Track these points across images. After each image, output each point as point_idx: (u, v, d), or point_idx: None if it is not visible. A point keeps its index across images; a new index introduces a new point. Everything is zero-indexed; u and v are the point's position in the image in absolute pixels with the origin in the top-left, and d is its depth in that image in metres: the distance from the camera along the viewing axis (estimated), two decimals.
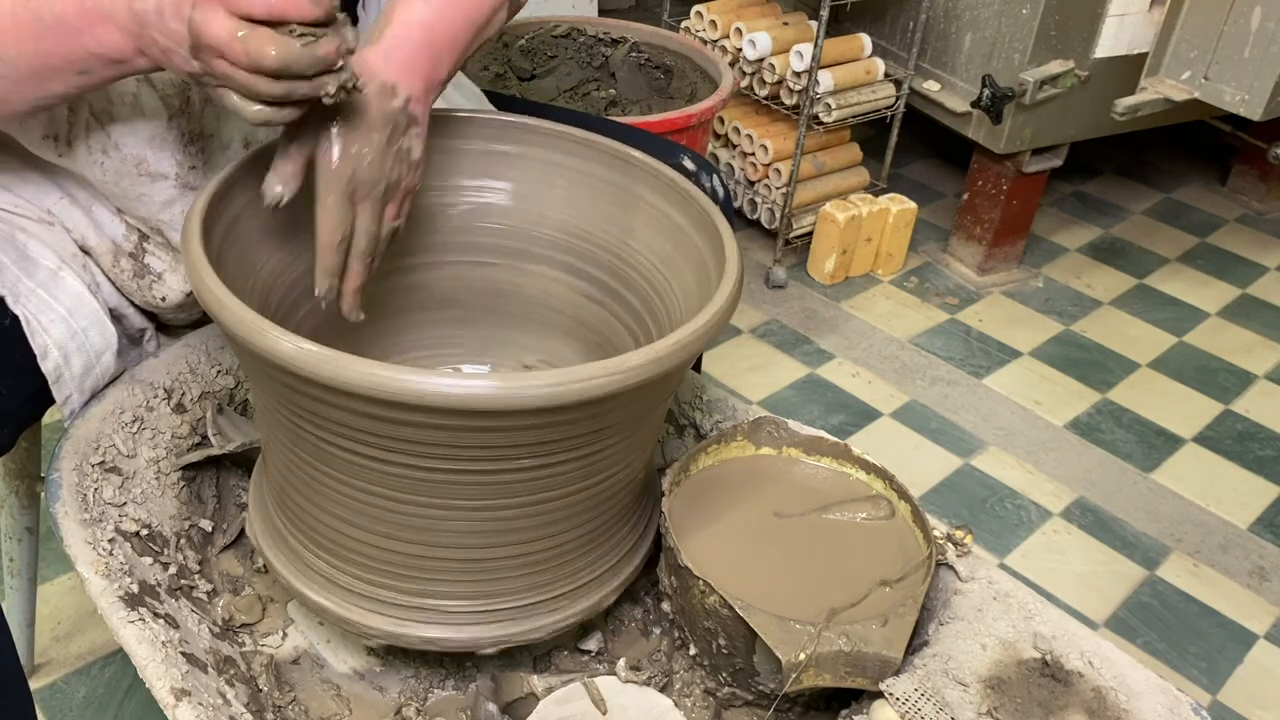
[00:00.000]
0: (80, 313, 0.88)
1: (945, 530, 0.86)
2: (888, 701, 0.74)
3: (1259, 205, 2.72)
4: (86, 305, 0.89)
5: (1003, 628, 0.80)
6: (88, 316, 0.89)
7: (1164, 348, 2.19)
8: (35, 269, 0.87)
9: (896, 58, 2.21)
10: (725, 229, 0.82)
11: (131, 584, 0.79)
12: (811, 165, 2.19)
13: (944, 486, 1.79)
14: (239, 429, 0.96)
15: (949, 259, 2.37)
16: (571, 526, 0.78)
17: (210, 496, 0.95)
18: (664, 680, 0.84)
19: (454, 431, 0.66)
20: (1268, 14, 1.76)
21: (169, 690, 0.71)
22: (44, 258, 0.88)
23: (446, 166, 0.94)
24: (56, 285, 0.87)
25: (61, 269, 0.88)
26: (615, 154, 0.91)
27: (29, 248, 0.88)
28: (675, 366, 0.70)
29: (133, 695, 1.30)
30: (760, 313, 2.16)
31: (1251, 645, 1.56)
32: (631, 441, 0.77)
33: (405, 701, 0.83)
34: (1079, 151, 2.28)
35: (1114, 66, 2.06)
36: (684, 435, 1.04)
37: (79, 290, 0.88)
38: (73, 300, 0.88)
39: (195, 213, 0.74)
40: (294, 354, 0.64)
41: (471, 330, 0.99)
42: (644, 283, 0.91)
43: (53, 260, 0.88)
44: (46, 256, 0.88)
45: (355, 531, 0.75)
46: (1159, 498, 1.81)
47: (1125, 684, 0.76)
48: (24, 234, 0.88)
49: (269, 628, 0.88)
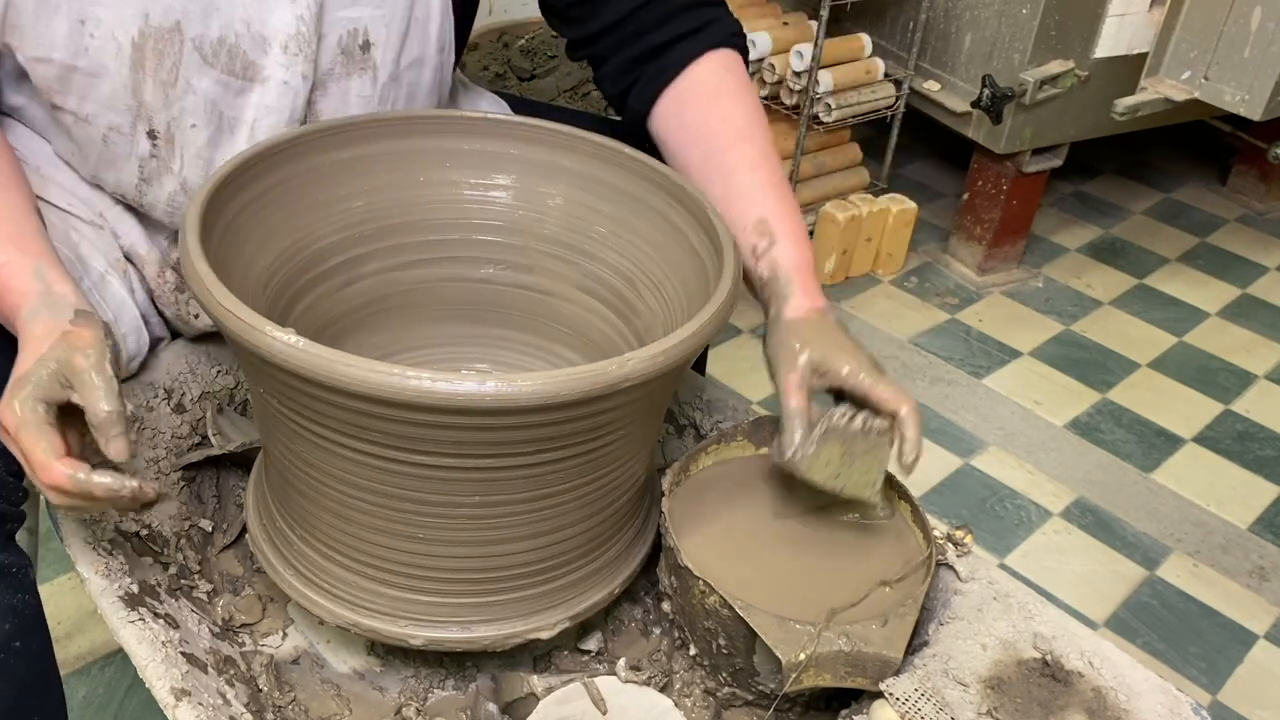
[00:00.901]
0: (123, 318, 0.91)
1: (945, 530, 0.86)
2: (888, 701, 0.74)
3: (1259, 205, 2.72)
4: (128, 311, 0.91)
5: (1003, 628, 0.80)
6: (128, 323, 0.91)
7: (1164, 348, 2.19)
8: (88, 270, 0.89)
9: (896, 58, 2.21)
10: (724, 229, 0.82)
11: (131, 584, 0.79)
12: (811, 165, 2.19)
13: (944, 486, 1.79)
14: (239, 429, 0.96)
15: (949, 259, 2.38)
16: (571, 525, 0.78)
17: (210, 496, 0.95)
18: (664, 680, 0.84)
19: (454, 430, 0.66)
20: (1268, 14, 1.76)
21: (169, 690, 0.71)
22: (94, 260, 0.90)
23: (447, 166, 0.94)
24: (105, 289, 0.90)
25: (108, 272, 0.90)
26: (616, 154, 0.91)
27: (81, 247, 0.90)
28: (674, 366, 0.70)
29: (133, 695, 1.30)
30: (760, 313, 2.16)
31: (1251, 645, 1.56)
32: (631, 441, 0.77)
33: (405, 701, 0.83)
34: (1079, 151, 2.27)
35: (1114, 66, 2.06)
36: (684, 435, 1.04)
37: (123, 295, 0.91)
38: (118, 305, 0.90)
39: (194, 210, 0.74)
40: (293, 353, 0.64)
41: (471, 329, 0.99)
42: (643, 282, 0.91)
43: (101, 263, 0.90)
44: (96, 259, 0.90)
45: (356, 530, 0.75)
46: (1159, 498, 1.81)
47: (1125, 684, 0.76)
48: (76, 234, 0.91)
49: (269, 628, 0.88)
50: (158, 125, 0.86)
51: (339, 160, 0.89)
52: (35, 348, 0.71)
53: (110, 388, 0.69)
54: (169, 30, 0.82)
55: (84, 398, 0.69)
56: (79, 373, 0.69)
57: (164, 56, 0.82)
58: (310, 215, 0.87)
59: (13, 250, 0.76)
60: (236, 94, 0.86)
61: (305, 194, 0.87)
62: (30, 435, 0.68)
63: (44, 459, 0.68)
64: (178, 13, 0.81)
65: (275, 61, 0.86)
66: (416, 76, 0.94)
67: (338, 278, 0.91)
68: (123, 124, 0.85)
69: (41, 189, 0.90)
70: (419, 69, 0.94)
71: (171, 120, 0.86)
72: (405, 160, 0.92)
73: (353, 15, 0.88)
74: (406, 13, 0.90)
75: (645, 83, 0.97)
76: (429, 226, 0.94)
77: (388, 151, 0.91)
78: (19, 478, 0.79)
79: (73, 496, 0.70)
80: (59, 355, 0.70)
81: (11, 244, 0.76)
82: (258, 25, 0.84)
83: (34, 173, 0.90)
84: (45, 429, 0.69)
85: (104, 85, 0.83)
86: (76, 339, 0.71)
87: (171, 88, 0.84)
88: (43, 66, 0.81)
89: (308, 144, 0.86)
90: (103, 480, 0.69)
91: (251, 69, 0.86)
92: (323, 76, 0.89)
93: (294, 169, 0.86)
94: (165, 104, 0.85)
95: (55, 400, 0.70)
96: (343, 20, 0.88)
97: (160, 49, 0.82)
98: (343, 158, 0.89)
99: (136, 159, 0.87)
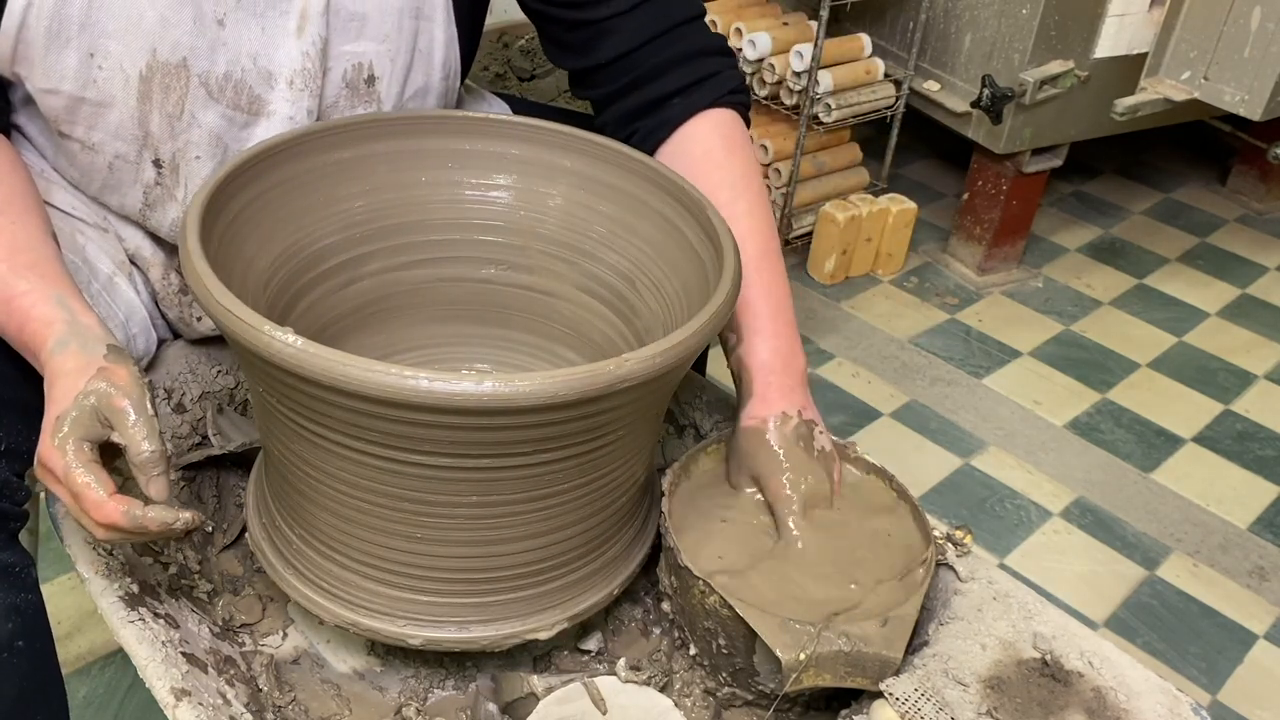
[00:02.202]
0: (133, 320, 0.91)
1: (945, 530, 0.86)
2: (888, 701, 0.74)
3: (1259, 205, 2.72)
4: (137, 312, 0.92)
5: (1003, 628, 0.80)
6: (138, 324, 0.92)
7: (1164, 348, 2.19)
8: (96, 273, 0.90)
9: (896, 58, 2.21)
10: (724, 229, 0.82)
11: (131, 584, 0.79)
12: (811, 165, 2.19)
13: (944, 486, 1.79)
14: (239, 429, 0.96)
15: (949, 259, 2.38)
16: (571, 526, 0.78)
17: (210, 496, 0.95)
18: (664, 680, 0.84)
19: (453, 430, 0.66)
20: (1268, 14, 1.76)
21: (169, 690, 0.71)
22: (101, 262, 0.91)
23: (448, 166, 0.94)
24: (114, 291, 0.90)
25: (115, 275, 0.91)
26: (616, 154, 0.91)
27: (87, 250, 0.90)
28: (673, 366, 0.70)
29: (133, 695, 1.30)
30: None
31: (1251, 645, 1.56)
32: (631, 441, 0.77)
33: (405, 701, 0.83)
34: (1079, 151, 2.27)
35: (1114, 66, 2.06)
36: (684, 435, 1.04)
37: (131, 297, 0.92)
38: (127, 306, 0.91)
39: (194, 210, 0.74)
40: (293, 353, 0.64)
41: (471, 329, 0.99)
42: (643, 282, 0.91)
43: (108, 265, 0.91)
44: (103, 261, 0.91)
45: (355, 530, 0.76)
46: (1159, 498, 1.81)
47: (1125, 684, 0.76)
48: (82, 236, 0.91)
49: (269, 628, 0.88)
50: (163, 155, 0.86)
51: (339, 160, 0.89)
52: (69, 383, 0.70)
53: (152, 428, 0.69)
54: (176, 66, 0.82)
55: (125, 437, 0.69)
56: (119, 412, 0.69)
57: (170, 90, 0.83)
58: (310, 215, 0.87)
59: (34, 279, 0.75)
60: (241, 127, 0.87)
61: (305, 194, 0.87)
62: (80, 476, 0.68)
63: (98, 498, 0.68)
64: (185, 49, 0.82)
65: (281, 96, 0.86)
66: (420, 104, 0.95)
67: (338, 278, 0.91)
68: (129, 153, 0.86)
69: (45, 193, 0.90)
70: (423, 98, 0.95)
71: (177, 151, 0.86)
72: (406, 160, 0.92)
73: (357, 50, 0.88)
74: (410, 45, 0.91)
75: (642, 137, 0.96)
76: (429, 227, 0.94)
77: (388, 151, 0.91)
78: (21, 477, 0.79)
79: (125, 533, 0.69)
80: (98, 391, 0.69)
81: (32, 272, 0.75)
82: (264, 61, 0.85)
83: (38, 176, 0.90)
84: (94, 468, 0.69)
85: (111, 116, 0.83)
86: (114, 376, 0.70)
87: (177, 120, 0.84)
88: (52, 98, 0.82)
89: (308, 144, 0.86)
90: (156, 515, 0.69)
91: (257, 103, 0.86)
92: (327, 110, 0.90)
93: (294, 169, 0.86)
94: (171, 135, 0.85)
95: (96, 439, 0.70)
96: (347, 55, 0.88)
97: (167, 83, 0.82)
98: (343, 158, 0.89)
99: (142, 186, 0.88)
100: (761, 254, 0.89)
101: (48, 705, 0.80)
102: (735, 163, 0.94)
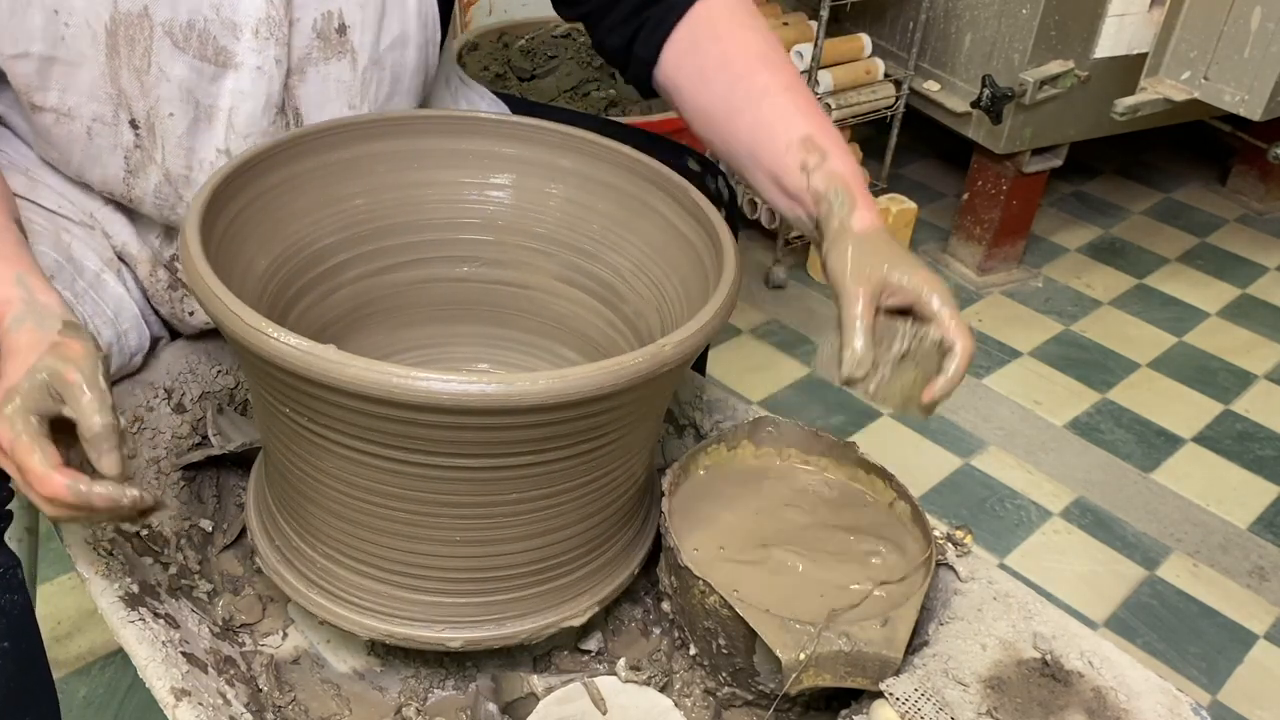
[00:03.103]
0: (122, 315, 0.91)
1: (945, 530, 0.86)
2: (888, 701, 0.74)
3: (1259, 205, 2.72)
4: (127, 308, 0.91)
5: (1002, 628, 0.80)
6: (128, 320, 0.91)
7: (1164, 348, 2.19)
8: (81, 271, 0.89)
9: (896, 58, 2.21)
10: (723, 228, 0.82)
11: (131, 584, 0.79)
12: None
13: (944, 486, 1.79)
14: (239, 429, 0.96)
15: (949, 259, 2.38)
16: (571, 525, 0.78)
17: (210, 496, 0.95)
18: (664, 680, 0.84)
19: (453, 430, 0.66)
20: (1268, 14, 1.76)
21: (169, 690, 0.71)
22: (87, 260, 0.90)
23: (447, 166, 0.94)
24: (101, 288, 0.90)
25: (103, 271, 0.90)
26: (615, 154, 0.91)
27: (73, 248, 0.90)
28: (673, 366, 0.70)
29: (133, 695, 1.30)
30: (760, 313, 2.16)
31: (1251, 645, 1.56)
32: (631, 441, 0.77)
33: (405, 701, 0.83)
34: (1079, 151, 2.28)
35: (1114, 66, 2.06)
36: (684, 435, 1.04)
37: (120, 293, 0.91)
38: (116, 303, 0.90)
39: (194, 210, 0.74)
40: (293, 353, 0.64)
41: (471, 329, 0.99)
42: (643, 282, 0.91)
43: (95, 262, 0.90)
44: (89, 259, 0.90)
45: (355, 530, 0.75)
46: (1159, 498, 1.81)
47: (1125, 684, 0.76)
48: (68, 234, 0.90)
49: (269, 628, 0.88)
50: (138, 114, 0.85)
51: (339, 160, 0.89)
52: (22, 358, 0.69)
53: (104, 401, 0.68)
54: (137, 15, 0.81)
55: (76, 411, 0.68)
56: (70, 386, 0.67)
57: (135, 42, 0.82)
58: (310, 215, 0.88)
59: None
60: (210, 80, 0.86)
61: (305, 194, 0.87)
62: (25, 447, 0.67)
63: (42, 470, 0.67)
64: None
65: (247, 46, 0.85)
66: (400, 57, 0.92)
67: (338, 277, 0.91)
68: (105, 114, 0.84)
69: (30, 191, 0.89)
70: (402, 49, 0.92)
71: (150, 109, 0.85)
72: (405, 160, 0.92)
73: None
74: None
75: (652, 26, 0.93)
76: (429, 226, 0.94)
77: (388, 151, 0.91)
78: (6, 479, 0.79)
79: (71, 508, 0.68)
80: (49, 367, 0.68)
81: None
82: (227, 10, 0.84)
83: (22, 175, 0.90)
84: (40, 440, 0.67)
85: (83, 74, 0.82)
86: (67, 350, 0.69)
87: (145, 74, 0.83)
88: (22, 63, 0.81)
89: (308, 144, 0.86)
90: (103, 490, 0.68)
91: (223, 54, 0.85)
92: (299, 62, 0.88)
93: (294, 169, 0.86)
94: (142, 91, 0.84)
95: (47, 413, 0.68)
96: (315, 3, 0.87)
97: (131, 34, 0.81)
98: (343, 158, 0.89)
99: (122, 150, 0.87)
100: (815, 99, 0.90)
101: (36, 707, 0.79)
102: (765, 27, 0.92)
